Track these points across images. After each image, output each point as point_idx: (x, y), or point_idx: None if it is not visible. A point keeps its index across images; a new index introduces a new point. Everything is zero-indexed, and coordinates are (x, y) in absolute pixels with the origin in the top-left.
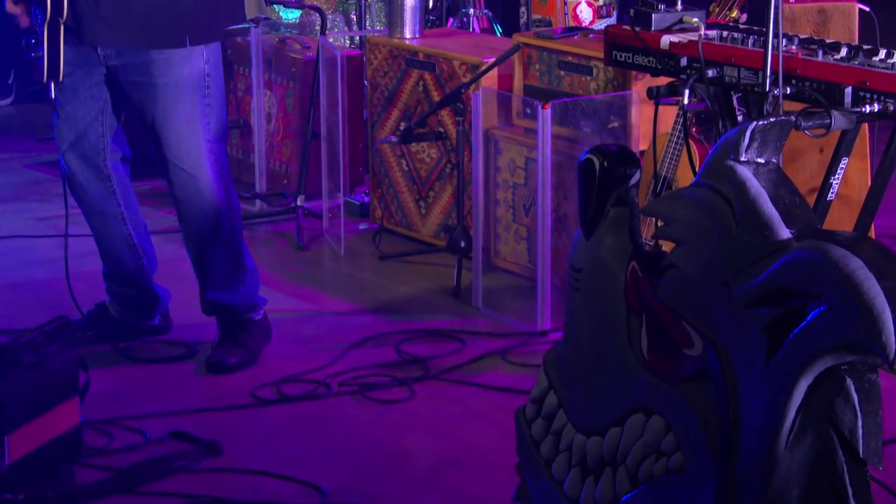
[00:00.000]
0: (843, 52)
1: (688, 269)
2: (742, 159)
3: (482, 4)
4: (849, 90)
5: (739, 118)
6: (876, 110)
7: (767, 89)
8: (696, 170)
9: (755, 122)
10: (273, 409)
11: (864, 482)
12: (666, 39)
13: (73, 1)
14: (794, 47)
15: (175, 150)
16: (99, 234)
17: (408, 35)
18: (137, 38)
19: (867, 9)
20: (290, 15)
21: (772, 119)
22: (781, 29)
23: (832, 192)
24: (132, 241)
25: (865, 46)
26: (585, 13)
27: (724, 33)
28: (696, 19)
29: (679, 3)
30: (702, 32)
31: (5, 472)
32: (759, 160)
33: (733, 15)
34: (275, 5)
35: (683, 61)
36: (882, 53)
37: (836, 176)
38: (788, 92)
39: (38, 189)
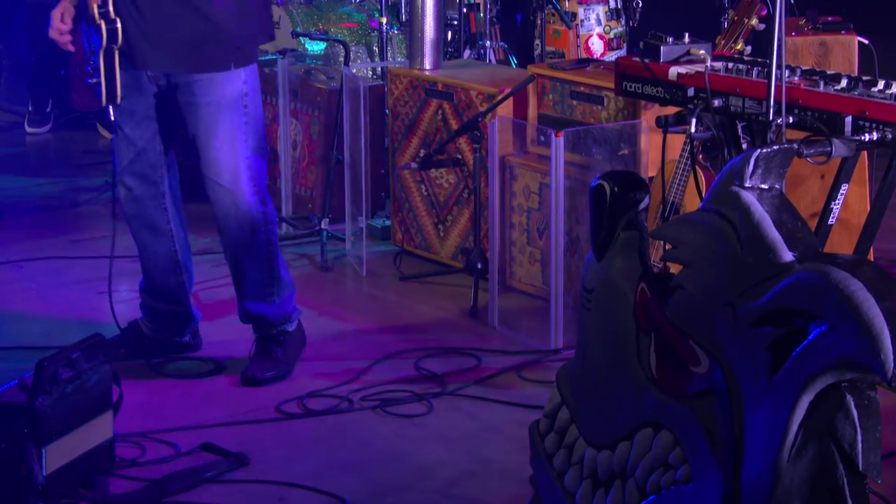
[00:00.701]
0: (844, 82)
1: (694, 290)
2: (746, 185)
3: (498, 37)
4: (849, 119)
5: (744, 146)
6: (875, 139)
7: (771, 118)
8: (703, 195)
9: (759, 150)
10: (298, 422)
11: (864, 494)
12: (674, 71)
13: (124, 28)
14: (796, 78)
15: (214, 166)
16: (145, 249)
17: (427, 66)
18: (183, 61)
19: (866, 41)
20: (316, 47)
21: (775, 147)
22: (784, 61)
23: (833, 217)
24: (177, 257)
25: (865, 77)
26: (597, 45)
27: (730, 65)
28: (702, 51)
29: (686, 36)
30: (708, 64)
31: (43, 482)
32: (763, 186)
33: (738, 47)
34: (301, 38)
35: (690, 91)
36: (881, 84)
37: (837, 201)
38: (791, 121)
39: (74, 213)
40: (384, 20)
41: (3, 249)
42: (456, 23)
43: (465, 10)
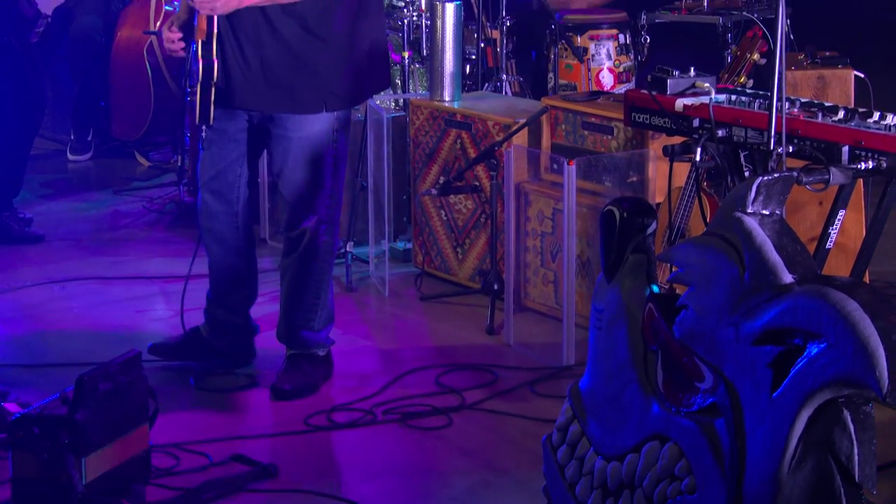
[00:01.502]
0: (841, 114)
1: (699, 310)
2: (749, 211)
3: (514, 71)
4: (846, 149)
5: (746, 174)
6: (870, 167)
7: (772, 148)
8: (707, 220)
9: (761, 178)
10: (324, 434)
11: None
12: (680, 103)
13: (226, 65)
14: (795, 110)
15: (297, 194)
16: (216, 263)
17: (447, 98)
18: (280, 103)
19: (862, 75)
20: None
21: (776, 175)
22: (784, 93)
23: (830, 241)
24: (242, 274)
25: (861, 109)
26: (607, 79)
27: (733, 97)
28: (707, 84)
29: (692, 70)
30: (712, 96)
31: (82, 490)
32: (765, 212)
33: (741, 80)
34: None
35: (696, 122)
36: (876, 116)
37: (834, 226)
38: (791, 150)
39: (113, 235)
40: (406, 55)
41: (46, 270)
42: (474, 57)
43: (482, 45)
